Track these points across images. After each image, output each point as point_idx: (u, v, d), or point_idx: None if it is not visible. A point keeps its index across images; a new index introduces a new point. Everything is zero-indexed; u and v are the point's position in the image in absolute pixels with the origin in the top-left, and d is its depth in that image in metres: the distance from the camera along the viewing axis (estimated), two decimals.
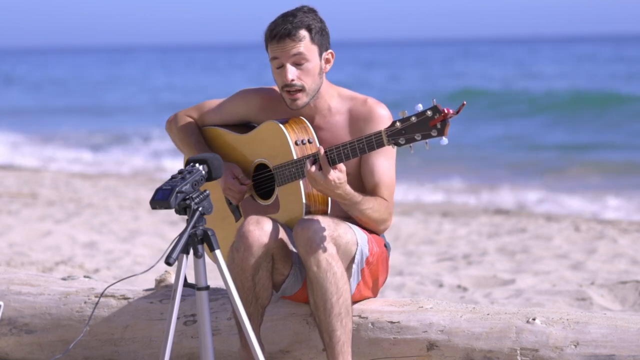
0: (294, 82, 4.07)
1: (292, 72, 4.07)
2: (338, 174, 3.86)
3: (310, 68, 4.08)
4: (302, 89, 4.09)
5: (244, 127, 4.34)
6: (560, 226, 10.63)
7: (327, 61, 4.15)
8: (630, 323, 3.96)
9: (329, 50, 4.15)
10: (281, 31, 4.05)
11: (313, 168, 3.86)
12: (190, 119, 4.41)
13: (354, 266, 4.06)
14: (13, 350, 4.66)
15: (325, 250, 3.90)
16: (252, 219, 3.99)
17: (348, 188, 3.92)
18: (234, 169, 4.23)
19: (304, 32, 4.06)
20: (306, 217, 3.98)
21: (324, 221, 3.95)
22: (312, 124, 4.16)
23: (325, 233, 3.91)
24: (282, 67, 4.08)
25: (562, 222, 11.10)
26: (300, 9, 4.12)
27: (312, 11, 4.13)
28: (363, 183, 4.12)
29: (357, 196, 3.98)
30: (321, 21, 4.13)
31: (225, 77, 57.53)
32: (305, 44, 4.06)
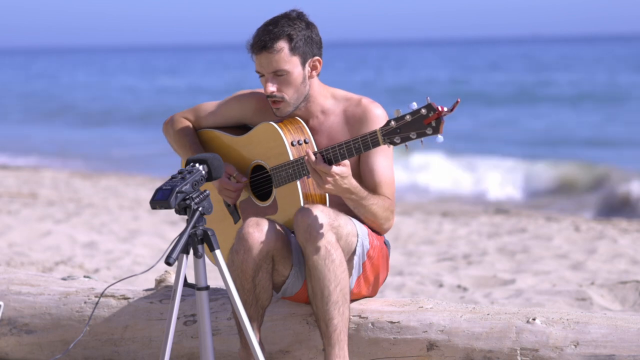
0: (274, 94, 4.08)
1: (270, 85, 4.07)
2: (341, 168, 3.86)
3: (291, 79, 4.08)
4: (282, 100, 4.09)
5: (240, 128, 4.34)
6: (560, 226, 10.63)
7: (314, 68, 4.13)
8: (630, 323, 3.96)
9: (316, 57, 4.13)
10: (258, 44, 4.05)
11: (314, 158, 3.84)
12: (186, 122, 4.41)
13: (356, 258, 4.06)
14: (13, 350, 4.66)
15: (324, 237, 3.90)
16: (252, 220, 3.99)
17: (354, 181, 3.92)
18: (227, 167, 4.22)
19: (282, 44, 4.04)
20: (306, 205, 3.98)
21: (325, 210, 3.94)
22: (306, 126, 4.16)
23: (325, 221, 3.91)
24: (263, 77, 4.09)
25: (562, 222, 11.10)
26: (286, 16, 4.09)
27: (298, 17, 4.09)
28: (364, 184, 4.12)
29: (364, 191, 3.98)
30: (307, 27, 4.09)
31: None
32: (283, 56, 4.04)
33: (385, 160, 4.10)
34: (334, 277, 3.93)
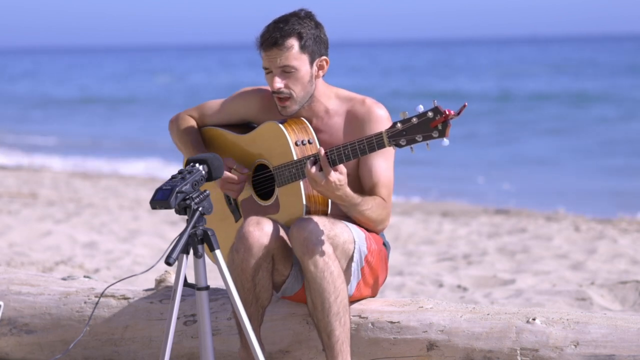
0: (281, 90, 4.08)
1: (278, 81, 4.07)
2: (338, 176, 3.86)
3: (298, 77, 4.07)
4: (290, 97, 4.09)
5: (244, 127, 4.34)
6: (560, 226, 10.64)
7: (321, 67, 4.13)
8: (630, 323, 3.96)
9: (323, 57, 4.13)
10: (269, 40, 4.04)
11: (313, 169, 3.86)
12: (191, 120, 4.41)
13: (354, 265, 4.06)
14: (13, 350, 4.66)
15: (321, 250, 3.90)
16: (252, 219, 3.99)
17: (348, 190, 3.92)
18: (227, 161, 4.20)
19: (292, 41, 4.04)
20: (302, 217, 3.98)
21: (320, 221, 3.94)
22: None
23: (322, 233, 3.91)
24: (270, 73, 4.08)
25: (562, 222, 11.10)
26: (295, 14, 4.09)
27: (307, 16, 4.09)
28: (361, 183, 4.12)
29: (357, 198, 3.98)
30: (316, 27, 4.10)
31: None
32: (293, 54, 4.04)
33: (384, 162, 4.10)
34: (333, 289, 3.93)
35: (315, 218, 3.95)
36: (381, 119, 4.10)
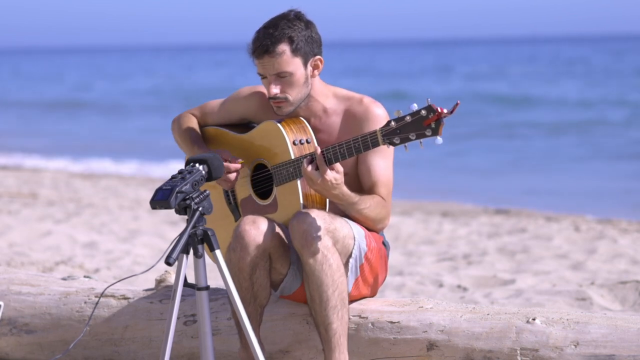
0: (277, 95, 4.08)
1: (274, 86, 4.07)
2: (335, 175, 3.86)
3: (293, 80, 4.07)
4: (285, 100, 4.09)
5: (244, 126, 4.35)
6: (560, 226, 10.64)
7: (315, 67, 4.12)
8: (630, 323, 3.96)
9: (317, 57, 4.12)
10: (260, 48, 4.03)
11: (309, 168, 3.86)
12: (193, 119, 4.41)
13: (352, 261, 4.06)
14: (13, 350, 4.66)
15: (320, 242, 3.90)
16: (248, 218, 3.99)
17: (345, 189, 3.92)
18: (223, 153, 4.19)
19: (283, 46, 4.03)
20: (302, 210, 3.98)
21: (320, 214, 3.94)
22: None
23: (321, 226, 3.91)
24: (266, 79, 4.08)
25: (562, 222, 11.10)
26: (285, 17, 4.07)
27: (297, 17, 4.07)
28: (361, 183, 4.12)
29: (354, 196, 3.97)
30: (307, 27, 4.08)
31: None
32: (285, 59, 4.03)
33: (383, 161, 4.10)
34: (331, 282, 3.93)
35: (315, 211, 3.95)
36: (379, 118, 4.10)
